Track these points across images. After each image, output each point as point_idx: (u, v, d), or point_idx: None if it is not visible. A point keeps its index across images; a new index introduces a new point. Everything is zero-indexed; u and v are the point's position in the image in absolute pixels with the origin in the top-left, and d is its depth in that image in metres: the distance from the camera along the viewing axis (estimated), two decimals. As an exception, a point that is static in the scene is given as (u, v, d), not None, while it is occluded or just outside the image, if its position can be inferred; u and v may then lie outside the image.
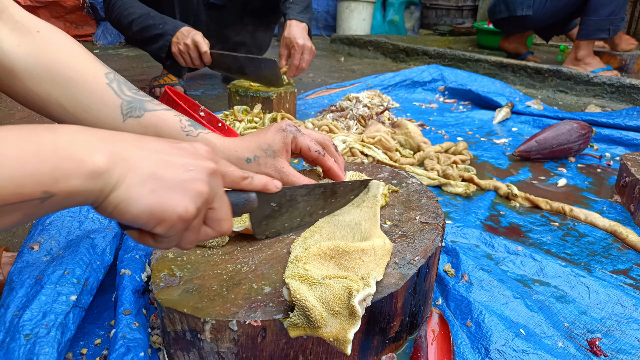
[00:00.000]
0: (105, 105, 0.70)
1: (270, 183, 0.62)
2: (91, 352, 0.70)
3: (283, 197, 0.67)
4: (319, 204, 0.75)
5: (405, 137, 1.59)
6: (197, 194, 0.48)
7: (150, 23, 1.81)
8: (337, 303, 0.56)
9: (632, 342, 0.76)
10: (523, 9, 2.83)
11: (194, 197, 0.47)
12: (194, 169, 0.48)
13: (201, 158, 0.50)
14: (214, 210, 0.52)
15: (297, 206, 0.71)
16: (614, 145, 1.72)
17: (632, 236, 1.07)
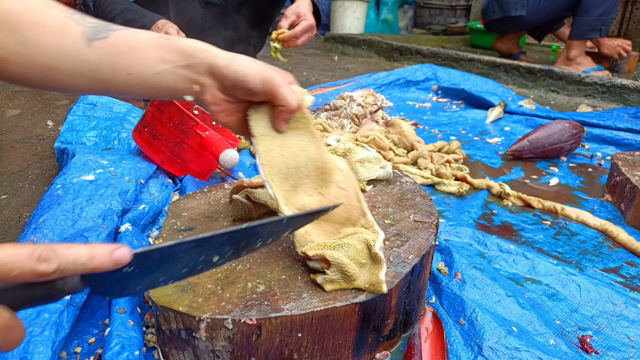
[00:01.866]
0: (66, 38, 0.60)
1: (107, 262, 0.40)
2: (85, 350, 0.70)
3: (145, 260, 0.45)
4: (223, 255, 0.51)
5: (398, 136, 1.59)
6: None
7: (130, 17, 1.80)
8: (362, 256, 0.65)
9: (622, 340, 0.77)
10: (517, 10, 2.85)
11: None
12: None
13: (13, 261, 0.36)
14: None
15: (176, 264, 0.48)
16: (605, 145, 1.74)
17: (623, 235, 1.08)
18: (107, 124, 1.34)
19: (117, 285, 0.45)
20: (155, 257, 0.46)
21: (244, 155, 1.46)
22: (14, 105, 2.02)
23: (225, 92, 0.65)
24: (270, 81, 0.64)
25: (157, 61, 0.62)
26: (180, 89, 0.64)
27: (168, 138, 1.14)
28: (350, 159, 0.93)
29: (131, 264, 0.43)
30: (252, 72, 0.63)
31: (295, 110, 0.67)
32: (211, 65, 0.63)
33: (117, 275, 0.44)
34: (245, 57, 0.65)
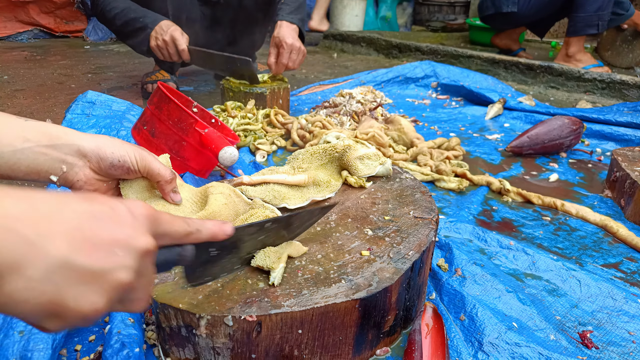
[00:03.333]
0: None
1: (219, 231, 0.52)
2: (85, 348, 0.70)
3: (227, 239, 0.55)
4: (270, 238, 0.67)
5: (398, 133, 1.59)
6: (115, 287, 0.38)
7: (132, 17, 1.80)
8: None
9: (622, 335, 0.77)
10: (508, 6, 2.86)
11: (109, 291, 0.38)
12: (121, 253, 0.39)
13: (135, 233, 0.40)
14: (132, 291, 0.41)
15: (243, 246, 0.63)
16: (605, 141, 1.73)
17: (623, 230, 1.08)
18: (106, 122, 1.34)
19: (199, 268, 0.57)
20: (232, 238, 0.56)
21: (243, 152, 1.46)
22: (13, 104, 2.01)
23: (100, 172, 0.69)
24: (144, 159, 0.70)
25: (17, 139, 0.61)
26: (44, 169, 0.64)
27: (167, 136, 1.13)
28: (350, 156, 0.93)
29: (216, 244, 0.55)
30: (127, 153, 0.69)
31: (171, 180, 0.73)
32: (79, 147, 0.65)
33: (202, 259, 0.56)
34: (109, 138, 0.69)
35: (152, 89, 2.08)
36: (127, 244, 0.39)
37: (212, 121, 1.28)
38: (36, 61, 2.91)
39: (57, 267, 0.35)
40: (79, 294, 0.37)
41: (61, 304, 0.36)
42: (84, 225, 0.38)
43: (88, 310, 0.37)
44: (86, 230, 0.38)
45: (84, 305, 0.37)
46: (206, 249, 0.55)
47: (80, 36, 3.87)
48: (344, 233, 0.77)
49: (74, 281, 0.36)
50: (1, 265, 0.33)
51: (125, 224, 0.40)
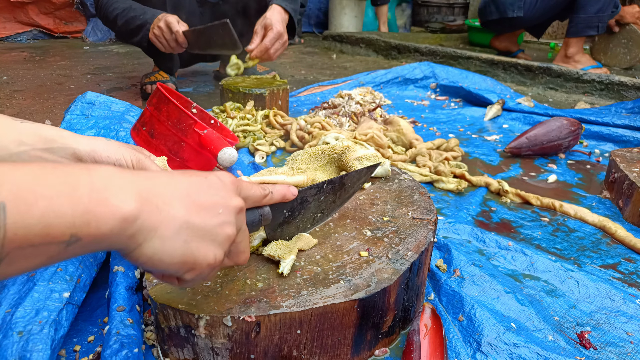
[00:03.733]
0: None
1: (287, 192, 0.64)
2: (84, 349, 0.70)
3: (294, 201, 0.68)
4: (329, 199, 0.76)
5: (397, 134, 1.59)
6: (225, 239, 0.49)
7: (132, 15, 1.81)
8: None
9: (620, 335, 0.78)
10: (514, 11, 2.84)
11: (222, 243, 0.48)
12: (223, 211, 0.48)
13: (228, 195, 0.50)
14: (235, 244, 0.52)
15: (309, 207, 0.73)
16: (603, 142, 1.74)
17: (621, 231, 1.08)
18: (106, 123, 1.34)
19: (279, 229, 0.70)
20: (298, 200, 0.69)
21: (242, 153, 1.46)
22: (12, 105, 2.01)
23: None
24: (140, 162, 0.72)
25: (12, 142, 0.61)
26: None
27: (166, 137, 1.13)
28: (349, 157, 0.93)
29: (288, 205, 0.68)
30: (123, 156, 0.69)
31: None
32: (75, 150, 0.65)
33: (279, 219, 0.68)
34: (105, 141, 0.70)
35: (151, 90, 2.08)
36: (225, 204, 0.49)
37: (211, 122, 1.29)
38: (35, 62, 2.91)
39: (181, 227, 0.45)
40: (203, 248, 0.46)
41: (192, 256, 0.46)
42: (191, 192, 0.47)
43: (212, 260, 0.47)
44: (193, 196, 0.47)
45: (209, 255, 0.47)
46: (281, 211, 0.67)
47: (80, 37, 3.87)
48: (342, 234, 0.77)
49: (197, 237, 0.46)
50: (144, 228, 0.42)
51: (219, 188, 0.49)
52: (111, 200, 0.40)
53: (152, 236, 0.43)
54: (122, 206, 0.40)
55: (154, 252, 0.43)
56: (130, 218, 0.41)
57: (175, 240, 0.44)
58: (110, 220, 0.39)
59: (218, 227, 0.47)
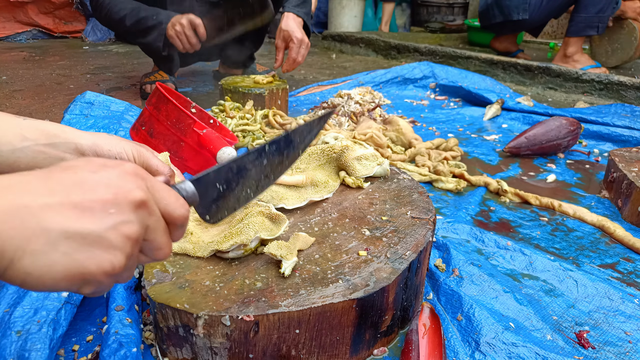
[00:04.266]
0: None
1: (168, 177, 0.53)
2: (83, 348, 0.70)
3: (229, 172, 0.59)
4: (275, 161, 0.66)
5: (396, 134, 1.59)
6: (123, 241, 0.40)
7: (143, 15, 1.81)
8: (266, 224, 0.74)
9: (618, 335, 0.78)
10: (519, 13, 2.82)
11: (122, 247, 0.40)
12: (115, 211, 0.40)
13: (123, 190, 0.41)
14: (148, 242, 0.45)
15: (249, 174, 0.63)
16: (602, 141, 1.74)
17: (620, 231, 1.08)
18: (105, 122, 1.34)
19: (213, 205, 0.58)
20: (234, 170, 0.59)
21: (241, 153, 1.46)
22: (12, 104, 2.01)
23: None
24: (141, 155, 0.70)
25: (16, 138, 0.61)
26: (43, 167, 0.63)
27: (165, 136, 1.13)
28: (348, 156, 0.93)
29: (220, 178, 0.57)
30: (124, 149, 0.68)
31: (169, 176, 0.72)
32: (77, 144, 0.65)
33: (213, 195, 0.57)
34: (107, 135, 0.69)
35: (150, 90, 2.08)
36: (117, 200, 0.41)
37: (210, 122, 1.29)
38: (35, 62, 2.91)
39: (58, 238, 0.37)
40: (94, 256, 0.39)
41: (82, 269, 0.38)
42: (71, 194, 0.39)
43: (110, 268, 0.40)
44: (73, 198, 0.39)
45: (105, 265, 0.39)
46: (213, 185, 0.57)
47: (79, 37, 3.87)
48: (341, 233, 0.77)
49: (82, 246, 0.38)
50: (6, 249, 0.36)
51: (110, 184, 0.41)
52: None
53: (20, 255, 0.36)
54: None
55: (27, 272, 0.37)
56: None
57: (51, 255, 0.37)
58: None
59: (110, 229, 0.40)
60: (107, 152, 0.67)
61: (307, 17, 1.89)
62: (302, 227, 0.79)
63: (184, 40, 1.79)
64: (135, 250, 0.42)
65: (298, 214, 0.84)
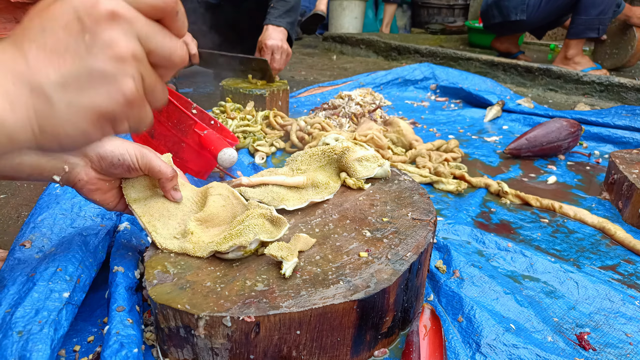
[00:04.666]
0: None
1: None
2: (84, 349, 0.70)
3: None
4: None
5: (397, 135, 1.60)
6: (120, 61, 0.36)
7: None
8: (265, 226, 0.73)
9: (619, 337, 0.78)
10: (517, 14, 2.84)
11: (120, 70, 0.37)
12: (89, 36, 0.35)
13: (85, 7, 0.36)
14: (155, 51, 0.39)
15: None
16: (603, 143, 1.74)
17: (620, 232, 1.08)
18: (106, 123, 1.34)
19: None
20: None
21: (242, 154, 1.47)
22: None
23: (101, 171, 0.69)
24: (144, 157, 0.69)
25: None
26: (47, 169, 0.64)
27: (166, 137, 1.14)
28: (349, 158, 0.93)
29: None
30: (127, 151, 0.68)
31: (173, 177, 0.73)
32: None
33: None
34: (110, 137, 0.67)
35: (151, 91, 2.08)
36: (84, 22, 0.36)
37: (211, 123, 1.29)
38: (36, 62, 2.91)
39: (55, 91, 0.35)
40: (100, 93, 0.36)
41: (100, 109, 0.37)
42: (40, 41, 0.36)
43: (123, 96, 0.37)
44: (47, 43, 0.36)
45: (116, 95, 0.37)
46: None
47: (80, 37, 3.87)
48: (342, 234, 0.77)
49: (82, 89, 0.36)
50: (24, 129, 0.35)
51: (69, 10, 0.36)
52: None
53: (34, 125, 0.36)
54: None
55: (53, 135, 0.36)
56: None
57: (58, 110, 0.36)
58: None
59: (96, 57, 0.36)
60: (110, 153, 0.67)
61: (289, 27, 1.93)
62: (302, 228, 0.79)
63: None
64: (142, 66, 0.38)
65: (299, 215, 0.84)
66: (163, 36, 0.40)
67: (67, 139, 0.37)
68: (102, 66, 0.36)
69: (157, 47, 0.39)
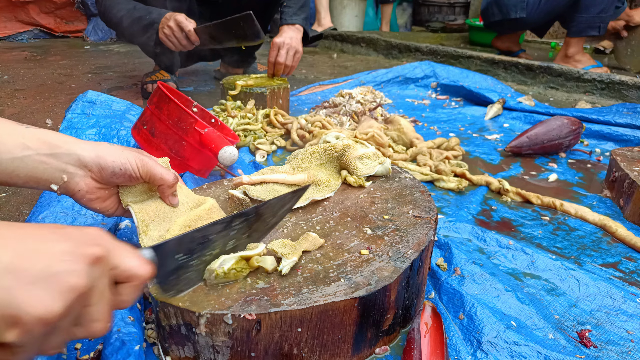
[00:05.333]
0: None
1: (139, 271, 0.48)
2: (85, 347, 0.70)
3: (192, 242, 0.58)
4: (241, 233, 0.66)
5: (398, 133, 1.59)
6: (68, 289, 0.38)
7: (137, 16, 1.82)
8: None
9: (620, 334, 0.78)
10: (517, 12, 2.84)
11: (63, 293, 0.38)
12: (69, 258, 0.39)
13: (85, 243, 0.41)
14: (89, 308, 0.42)
15: (213, 245, 0.62)
16: (604, 141, 1.74)
17: (621, 230, 1.08)
18: (106, 121, 1.34)
19: (172, 276, 0.57)
20: (197, 241, 0.58)
21: (243, 152, 1.47)
22: (13, 104, 2.01)
23: (101, 180, 0.68)
24: (145, 165, 0.70)
25: (17, 147, 0.61)
26: (45, 177, 0.64)
27: (167, 136, 1.14)
28: (349, 156, 0.93)
29: (182, 248, 0.56)
30: (128, 160, 0.68)
31: (173, 184, 0.73)
32: (79, 156, 0.65)
33: (171, 266, 0.56)
34: (109, 145, 0.69)
35: (152, 89, 2.08)
36: (75, 251, 0.40)
37: (212, 121, 1.29)
38: (36, 61, 2.91)
39: (4, 271, 0.36)
40: (31, 296, 0.37)
41: (13, 306, 0.36)
42: (36, 239, 0.39)
43: (44, 312, 0.37)
44: (33, 243, 0.39)
45: (39, 307, 0.37)
46: (171, 256, 0.56)
47: (80, 36, 3.87)
48: (343, 232, 0.77)
49: (24, 283, 0.37)
50: None
51: (74, 240, 0.41)
52: None
53: None
54: None
55: None
56: None
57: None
58: None
59: (59, 274, 0.38)
60: (112, 163, 0.67)
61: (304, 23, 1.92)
62: (304, 226, 0.79)
63: (175, 42, 1.80)
64: (75, 308, 0.40)
65: (300, 213, 0.84)
66: (106, 307, 0.44)
67: None
68: (55, 281, 0.38)
69: (95, 305, 0.43)
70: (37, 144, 0.62)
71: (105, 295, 0.43)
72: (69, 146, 0.64)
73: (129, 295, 0.47)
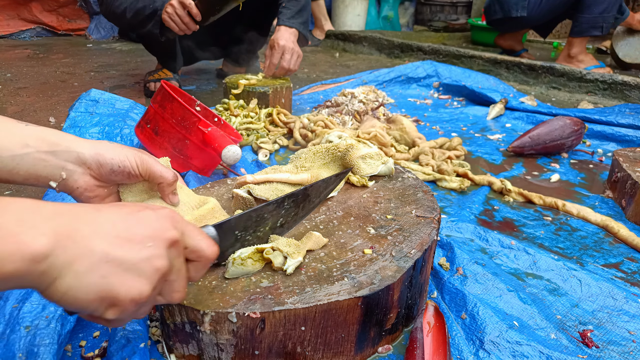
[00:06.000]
0: None
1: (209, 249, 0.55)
2: (90, 344, 0.70)
3: (248, 220, 0.65)
4: (291, 212, 0.73)
5: (400, 133, 1.60)
6: (153, 272, 0.45)
7: (141, 5, 1.81)
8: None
9: (622, 334, 0.78)
10: (518, 10, 2.84)
11: (150, 277, 0.45)
12: (152, 244, 0.45)
13: (161, 228, 0.47)
14: (169, 283, 0.49)
15: (266, 223, 0.70)
16: (606, 141, 1.74)
17: (623, 230, 1.08)
18: (110, 120, 1.35)
19: (230, 250, 0.65)
20: (253, 219, 0.66)
21: (245, 151, 1.47)
22: (16, 102, 2.02)
23: (100, 178, 0.69)
24: (144, 162, 0.70)
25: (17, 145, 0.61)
26: (44, 174, 0.64)
27: (170, 134, 1.14)
28: (352, 155, 0.94)
29: (240, 226, 0.65)
30: (127, 157, 0.69)
31: (173, 182, 0.73)
32: (78, 154, 0.65)
33: (230, 240, 0.65)
34: (108, 143, 0.69)
35: (154, 88, 2.08)
36: (155, 236, 0.46)
37: (215, 120, 1.29)
38: (39, 59, 2.91)
39: (100, 260, 0.42)
40: (125, 282, 0.43)
41: (113, 292, 0.42)
42: (117, 226, 0.44)
43: (137, 295, 0.44)
44: (119, 229, 0.44)
45: (132, 291, 0.43)
46: (231, 232, 0.64)
47: (83, 34, 3.87)
48: (346, 231, 0.77)
49: (118, 271, 0.43)
50: (57, 265, 0.40)
51: (151, 221, 0.47)
52: (21, 237, 0.38)
53: (65, 272, 0.40)
54: (31, 243, 0.38)
55: (67, 288, 0.41)
56: (39, 256, 0.39)
57: (91, 275, 0.41)
58: (16, 259, 0.37)
59: (145, 260, 0.44)
60: (110, 160, 0.67)
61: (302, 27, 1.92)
62: (307, 225, 0.80)
63: (178, 22, 1.78)
64: (159, 285, 0.47)
65: (303, 212, 0.84)
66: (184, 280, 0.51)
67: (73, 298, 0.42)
68: (143, 268, 0.44)
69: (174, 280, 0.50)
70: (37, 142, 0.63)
71: (182, 271, 0.50)
72: (68, 144, 0.65)
73: (199, 272, 0.54)
